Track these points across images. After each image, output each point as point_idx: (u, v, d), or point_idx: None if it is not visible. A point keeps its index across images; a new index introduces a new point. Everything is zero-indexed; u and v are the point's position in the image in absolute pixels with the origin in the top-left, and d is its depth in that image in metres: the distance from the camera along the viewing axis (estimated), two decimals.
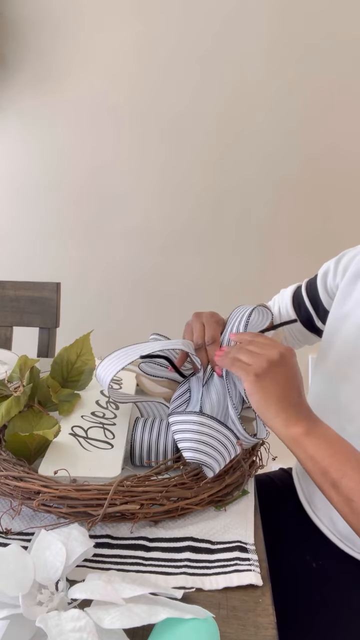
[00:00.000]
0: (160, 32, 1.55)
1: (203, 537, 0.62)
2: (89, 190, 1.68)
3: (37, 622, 0.44)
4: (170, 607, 0.47)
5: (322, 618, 0.72)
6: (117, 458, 0.70)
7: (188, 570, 0.57)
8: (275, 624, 0.52)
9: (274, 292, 1.06)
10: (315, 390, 0.89)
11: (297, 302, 0.97)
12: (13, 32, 1.55)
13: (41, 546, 0.53)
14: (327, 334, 0.87)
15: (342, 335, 0.82)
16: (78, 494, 0.60)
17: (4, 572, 0.49)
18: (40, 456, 0.71)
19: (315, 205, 1.66)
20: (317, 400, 0.86)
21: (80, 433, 0.75)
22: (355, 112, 1.58)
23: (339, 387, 0.80)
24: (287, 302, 0.98)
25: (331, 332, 0.86)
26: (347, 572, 0.77)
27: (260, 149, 1.62)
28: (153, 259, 1.73)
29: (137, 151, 1.65)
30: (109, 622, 0.44)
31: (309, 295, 0.95)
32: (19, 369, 0.84)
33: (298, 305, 0.96)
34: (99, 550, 0.59)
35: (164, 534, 0.62)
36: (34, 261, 1.73)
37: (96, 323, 1.14)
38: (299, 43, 1.53)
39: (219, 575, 0.56)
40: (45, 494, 0.60)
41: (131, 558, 0.59)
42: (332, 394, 0.81)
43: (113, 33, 1.55)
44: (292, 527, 0.86)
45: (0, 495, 0.65)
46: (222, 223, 1.69)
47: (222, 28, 1.53)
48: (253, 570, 0.57)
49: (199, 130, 1.62)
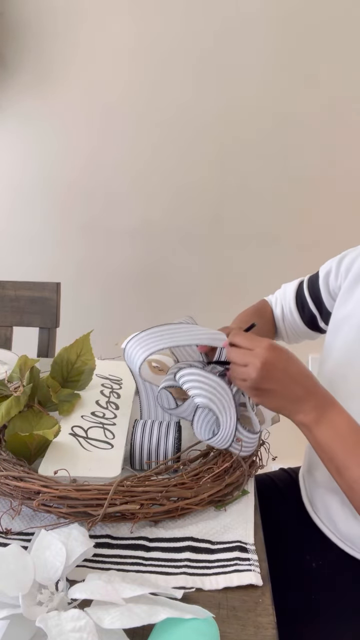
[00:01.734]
0: (160, 32, 1.55)
1: (203, 537, 0.62)
2: (89, 190, 1.68)
3: (37, 622, 0.44)
4: (170, 607, 0.47)
5: (323, 618, 0.72)
6: (117, 458, 0.70)
7: (188, 570, 0.57)
8: (275, 624, 0.52)
9: (274, 292, 1.06)
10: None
11: (301, 302, 0.97)
12: (13, 32, 1.55)
13: (41, 546, 0.53)
14: (329, 335, 0.87)
15: (342, 337, 0.82)
16: (78, 494, 0.60)
17: (4, 572, 0.49)
18: (40, 456, 0.71)
19: (315, 205, 1.66)
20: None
21: (80, 433, 0.75)
22: (355, 111, 1.58)
23: (338, 388, 0.80)
24: (291, 303, 0.98)
25: (332, 333, 0.86)
26: (348, 572, 0.77)
27: (260, 148, 1.62)
28: (153, 258, 1.73)
29: (137, 151, 1.65)
30: (109, 622, 0.44)
31: (312, 297, 0.95)
32: (19, 369, 0.84)
33: (302, 306, 0.97)
34: (99, 550, 0.59)
35: (164, 534, 0.62)
36: (34, 261, 1.74)
37: (96, 323, 1.14)
38: (299, 43, 1.53)
39: (219, 575, 0.56)
40: (45, 494, 0.60)
41: (131, 558, 0.59)
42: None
43: (113, 33, 1.55)
44: (292, 527, 0.86)
45: (0, 495, 0.65)
46: (222, 223, 1.69)
47: (222, 28, 1.53)
48: (253, 570, 0.57)
49: (199, 131, 1.62)
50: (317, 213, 1.66)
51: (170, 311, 1.74)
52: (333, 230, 1.64)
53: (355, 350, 0.79)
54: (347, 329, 0.82)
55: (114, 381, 0.94)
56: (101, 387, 0.91)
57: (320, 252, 1.02)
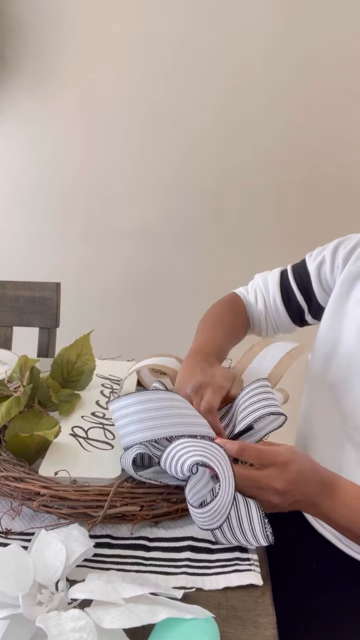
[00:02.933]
0: (160, 33, 1.54)
1: (203, 537, 0.62)
2: (89, 190, 1.68)
3: (37, 622, 0.44)
4: (170, 607, 0.47)
5: (322, 618, 0.72)
6: (117, 459, 0.70)
7: (188, 570, 0.57)
8: (275, 624, 0.52)
9: None
10: (313, 397, 0.86)
11: (287, 295, 0.91)
12: (13, 32, 1.55)
13: (41, 546, 0.53)
14: (323, 334, 0.83)
15: (342, 340, 0.79)
16: (78, 495, 0.60)
17: (4, 572, 0.49)
18: (41, 456, 0.71)
19: (316, 205, 1.66)
20: (317, 409, 0.85)
21: (80, 434, 0.75)
22: (356, 111, 1.58)
23: (340, 395, 0.79)
24: (276, 294, 0.91)
25: (327, 334, 0.82)
26: (347, 572, 0.77)
27: (260, 148, 1.62)
28: (153, 258, 1.73)
29: (137, 151, 1.65)
30: (109, 622, 0.44)
31: (301, 289, 0.89)
32: (19, 369, 0.84)
33: (288, 299, 0.91)
34: (99, 550, 0.60)
35: (164, 534, 0.62)
36: (34, 261, 1.74)
37: (96, 323, 1.14)
38: (299, 42, 1.53)
39: (219, 575, 0.57)
40: (45, 495, 0.60)
41: (131, 558, 0.59)
42: (333, 403, 0.80)
43: (112, 34, 1.55)
44: (291, 527, 0.85)
45: (0, 495, 0.65)
46: (222, 223, 1.69)
47: (222, 29, 1.53)
48: (253, 570, 0.57)
49: (199, 131, 1.62)
50: (319, 213, 1.66)
51: (170, 311, 1.74)
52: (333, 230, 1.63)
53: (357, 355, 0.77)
54: (345, 332, 0.78)
55: (114, 381, 0.94)
56: (101, 387, 0.91)
57: None
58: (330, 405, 0.81)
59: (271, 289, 0.93)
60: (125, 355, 1.03)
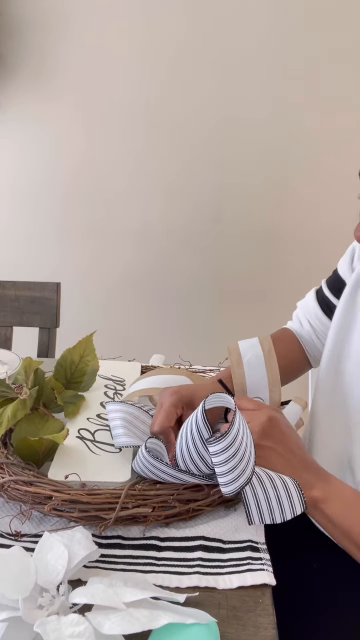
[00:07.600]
0: (161, 33, 1.53)
1: (214, 537, 0.62)
2: (89, 190, 1.68)
3: (35, 626, 0.43)
4: (172, 611, 0.46)
5: (322, 618, 0.72)
6: (126, 462, 0.70)
7: (201, 569, 0.58)
8: (275, 624, 0.52)
9: (274, 292, 1.06)
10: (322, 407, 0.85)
11: (325, 304, 0.91)
12: (13, 32, 1.53)
13: (43, 549, 0.53)
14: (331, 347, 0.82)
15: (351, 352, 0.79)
16: (90, 498, 0.60)
17: (5, 574, 0.48)
18: (48, 460, 0.71)
19: (316, 205, 1.65)
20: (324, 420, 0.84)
21: (87, 436, 0.75)
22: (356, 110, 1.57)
23: (348, 409, 0.78)
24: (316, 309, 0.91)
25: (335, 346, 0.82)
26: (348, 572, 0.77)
27: (260, 149, 1.61)
28: (153, 258, 1.73)
29: (137, 151, 1.64)
30: (108, 627, 0.43)
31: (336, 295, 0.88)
32: (23, 370, 0.83)
33: (327, 308, 0.91)
34: (110, 550, 0.60)
35: (176, 534, 0.63)
36: (34, 261, 1.73)
37: (96, 323, 1.14)
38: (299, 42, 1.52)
39: (232, 574, 0.57)
40: (57, 499, 0.60)
41: (143, 558, 0.59)
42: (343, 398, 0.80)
43: (113, 34, 1.54)
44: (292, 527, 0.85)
45: (9, 499, 0.65)
46: (222, 223, 1.69)
47: (222, 29, 1.52)
48: (266, 569, 0.57)
49: (199, 131, 1.61)
50: (319, 214, 1.66)
51: (170, 311, 1.74)
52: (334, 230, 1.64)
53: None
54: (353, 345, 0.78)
55: (117, 382, 0.94)
56: (104, 388, 0.91)
57: (321, 252, 1.02)
58: (340, 400, 0.81)
59: (311, 306, 0.93)
60: (126, 355, 1.03)
